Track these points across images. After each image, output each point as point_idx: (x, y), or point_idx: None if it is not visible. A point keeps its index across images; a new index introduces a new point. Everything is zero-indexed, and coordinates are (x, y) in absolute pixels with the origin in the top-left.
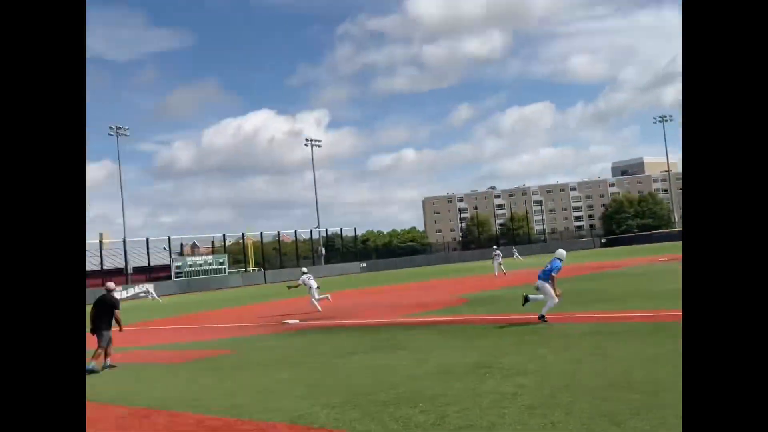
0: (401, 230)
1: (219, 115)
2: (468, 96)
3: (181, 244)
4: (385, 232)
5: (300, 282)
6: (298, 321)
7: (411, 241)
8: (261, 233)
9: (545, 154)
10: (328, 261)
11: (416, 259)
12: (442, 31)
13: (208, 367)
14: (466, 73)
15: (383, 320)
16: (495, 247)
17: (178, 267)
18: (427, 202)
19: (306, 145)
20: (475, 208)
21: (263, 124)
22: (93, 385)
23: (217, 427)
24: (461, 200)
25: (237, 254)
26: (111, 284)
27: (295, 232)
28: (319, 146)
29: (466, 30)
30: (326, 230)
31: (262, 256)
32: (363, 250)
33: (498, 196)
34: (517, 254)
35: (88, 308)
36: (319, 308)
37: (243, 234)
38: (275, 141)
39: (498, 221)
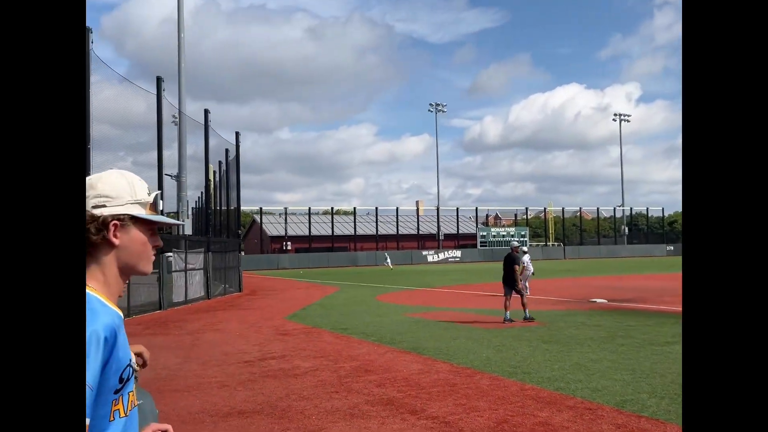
0: None
1: (527, 91)
2: None
3: (486, 215)
4: None
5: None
6: (606, 300)
7: None
8: (563, 208)
9: None
10: (630, 241)
11: None
12: None
13: (522, 336)
14: None
15: None
16: None
17: (483, 236)
18: None
19: (614, 119)
20: None
21: (570, 99)
22: (419, 338)
23: (542, 398)
24: None
25: (537, 228)
26: (515, 243)
27: (597, 209)
28: (628, 121)
29: None
30: (630, 209)
31: (563, 231)
32: (670, 233)
33: None
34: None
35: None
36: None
37: (545, 208)
38: (581, 116)
39: None
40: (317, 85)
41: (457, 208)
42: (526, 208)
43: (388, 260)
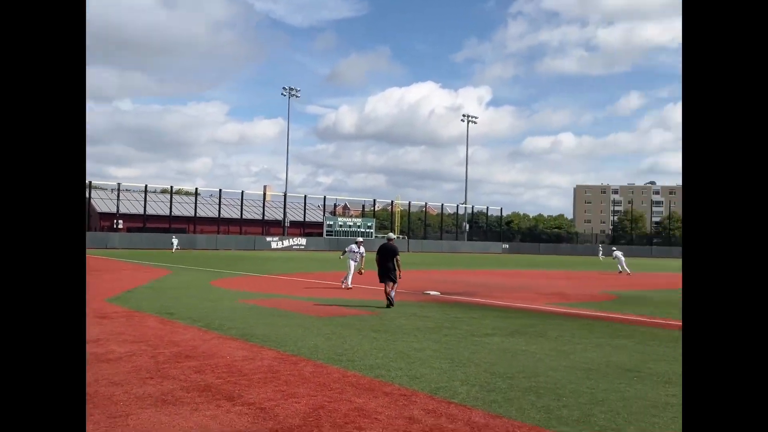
0: (548, 216)
1: (385, 84)
2: (640, 84)
3: (335, 205)
4: (531, 216)
5: (348, 250)
6: (438, 293)
7: (557, 228)
8: (409, 203)
9: None
10: (470, 238)
11: (561, 247)
12: (621, 15)
13: (352, 325)
14: (641, 60)
15: (523, 305)
16: (614, 248)
17: (329, 225)
18: (579, 191)
19: (462, 120)
20: (630, 202)
21: (426, 96)
22: (249, 325)
23: (362, 385)
24: (616, 192)
25: (384, 219)
26: (391, 235)
27: (442, 205)
28: (475, 122)
29: (646, 15)
30: (472, 207)
31: (408, 224)
32: (507, 231)
33: (657, 192)
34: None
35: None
36: (350, 285)
37: (392, 201)
38: (435, 114)
39: (654, 219)
40: (166, 56)
41: (305, 196)
42: (374, 200)
43: (175, 242)
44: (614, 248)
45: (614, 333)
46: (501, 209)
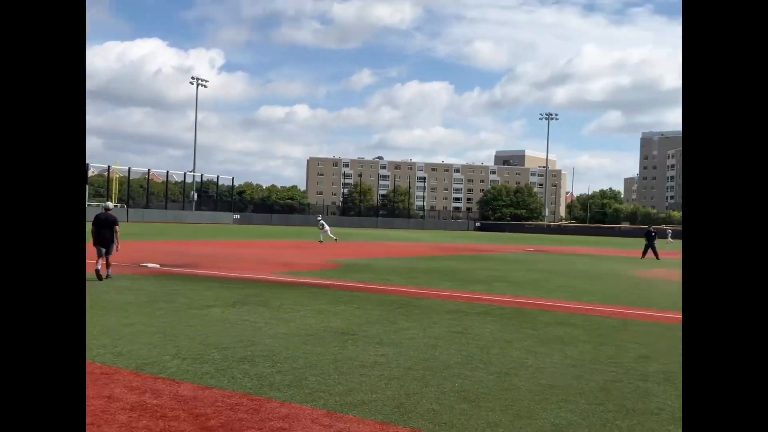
0: (281, 187)
1: (103, 38)
2: (371, 62)
3: None
4: (264, 186)
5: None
6: (158, 265)
7: (290, 199)
8: (129, 168)
9: (437, 133)
10: (198, 207)
11: (293, 218)
12: None
13: None
14: (373, 38)
15: (248, 275)
16: (319, 217)
17: None
18: (312, 162)
19: (191, 83)
20: (360, 175)
21: (151, 53)
22: None
23: None
24: (347, 165)
25: (100, 187)
26: (110, 204)
27: (167, 172)
28: (205, 86)
29: None
30: (201, 175)
31: (128, 192)
32: (238, 201)
33: (384, 167)
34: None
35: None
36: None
37: (109, 167)
38: (162, 74)
39: (380, 191)
40: None
41: None
42: (87, 164)
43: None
44: (319, 217)
45: (336, 299)
46: (233, 178)
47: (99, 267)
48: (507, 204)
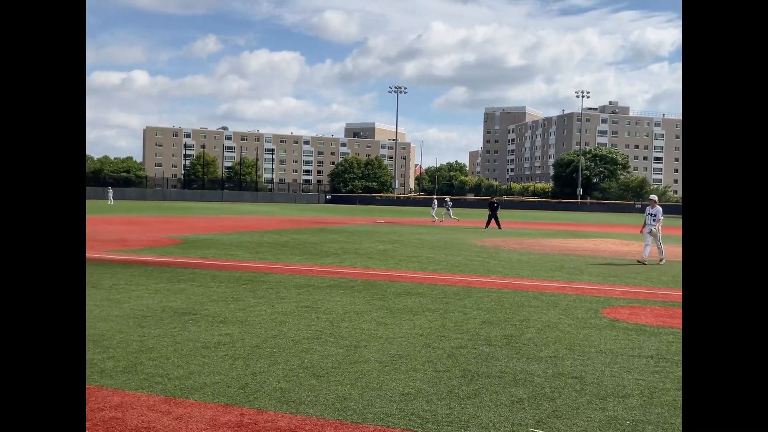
0: (115, 158)
1: None
2: (217, 29)
3: None
4: (95, 158)
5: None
6: None
7: (126, 171)
8: None
9: (287, 104)
10: None
11: (129, 191)
12: None
13: None
14: (216, 3)
15: None
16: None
17: None
18: (149, 132)
19: None
20: (203, 146)
21: None
22: None
23: None
24: (188, 136)
25: None
26: None
27: None
28: None
29: None
30: None
31: None
32: None
33: (229, 138)
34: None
35: None
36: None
37: None
38: None
39: (226, 164)
40: None
41: None
42: None
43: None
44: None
45: (175, 277)
46: None
47: None
48: (358, 176)
